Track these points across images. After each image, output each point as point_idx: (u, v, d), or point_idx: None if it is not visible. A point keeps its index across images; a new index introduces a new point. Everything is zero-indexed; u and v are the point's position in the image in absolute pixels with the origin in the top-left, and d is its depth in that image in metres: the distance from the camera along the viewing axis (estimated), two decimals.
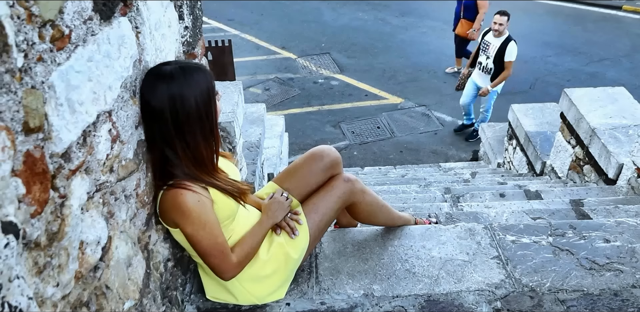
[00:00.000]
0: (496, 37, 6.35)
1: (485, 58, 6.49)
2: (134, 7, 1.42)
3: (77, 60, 1.09)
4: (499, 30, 6.25)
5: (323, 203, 2.10)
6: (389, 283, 2.10)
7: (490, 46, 6.40)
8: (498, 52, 6.32)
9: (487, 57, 6.45)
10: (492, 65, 6.43)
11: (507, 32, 6.33)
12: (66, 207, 1.07)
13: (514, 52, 6.31)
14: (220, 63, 6.86)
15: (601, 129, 3.74)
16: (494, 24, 6.26)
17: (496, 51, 6.32)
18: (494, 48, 6.34)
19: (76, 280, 1.13)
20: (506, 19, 6.20)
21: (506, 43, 6.28)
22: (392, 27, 8.60)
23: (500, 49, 6.29)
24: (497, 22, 6.22)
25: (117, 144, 1.33)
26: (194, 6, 2.11)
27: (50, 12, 0.98)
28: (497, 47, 6.31)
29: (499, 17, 6.22)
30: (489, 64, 6.47)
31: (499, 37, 6.33)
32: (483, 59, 6.56)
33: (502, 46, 6.29)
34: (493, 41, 6.38)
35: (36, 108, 0.94)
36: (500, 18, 6.20)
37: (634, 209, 2.91)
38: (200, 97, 1.57)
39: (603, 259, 2.18)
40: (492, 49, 6.37)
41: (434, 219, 2.75)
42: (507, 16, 6.23)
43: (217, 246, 1.68)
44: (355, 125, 7.76)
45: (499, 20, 6.21)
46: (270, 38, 10.92)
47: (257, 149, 3.55)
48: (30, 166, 0.93)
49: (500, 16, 6.22)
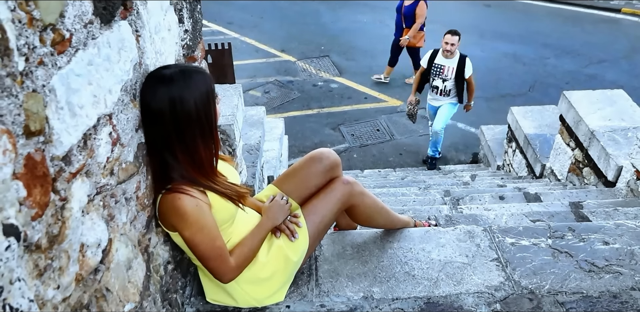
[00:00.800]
0: (448, 58, 5.99)
1: (442, 82, 6.10)
2: (134, 11, 1.43)
3: (77, 64, 1.10)
4: (451, 50, 5.88)
5: (322, 206, 2.10)
6: (388, 285, 2.10)
7: (446, 69, 6.03)
8: (457, 72, 5.99)
9: (443, 80, 6.08)
10: (451, 87, 6.10)
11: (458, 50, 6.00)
12: (67, 210, 1.08)
13: (470, 67, 6.02)
14: (220, 66, 6.87)
15: (600, 131, 3.75)
16: (446, 45, 5.87)
17: (455, 72, 5.99)
18: (450, 70, 6.00)
19: (77, 282, 1.13)
20: (457, 39, 5.85)
21: (463, 62, 5.98)
22: (392, 30, 8.63)
23: (459, 68, 5.97)
24: (448, 42, 5.84)
25: (117, 147, 1.34)
26: (194, 9, 2.12)
27: (51, 16, 0.99)
28: (455, 68, 5.98)
29: (451, 36, 5.84)
30: (447, 86, 6.12)
31: (451, 57, 5.99)
32: (439, 83, 6.15)
33: (460, 65, 5.98)
34: (447, 63, 6.01)
35: (37, 111, 0.95)
36: (452, 38, 5.83)
37: (633, 211, 2.91)
38: (200, 100, 1.58)
39: (602, 261, 2.19)
40: (448, 71, 6.01)
41: (433, 222, 2.76)
42: (459, 36, 5.87)
43: (215, 249, 1.68)
44: (355, 127, 7.77)
45: (450, 40, 5.83)
46: (270, 41, 10.94)
47: (257, 151, 3.56)
48: (31, 169, 0.94)
49: (452, 36, 5.84)
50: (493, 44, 10.36)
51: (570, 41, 10.46)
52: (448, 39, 5.85)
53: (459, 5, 12.97)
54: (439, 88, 6.17)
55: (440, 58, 6.03)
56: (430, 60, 6.14)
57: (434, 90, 6.24)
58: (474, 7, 12.87)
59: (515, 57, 9.86)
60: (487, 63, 9.28)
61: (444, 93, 6.17)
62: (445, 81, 6.06)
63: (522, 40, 10.63)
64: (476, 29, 11.13)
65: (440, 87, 6.15)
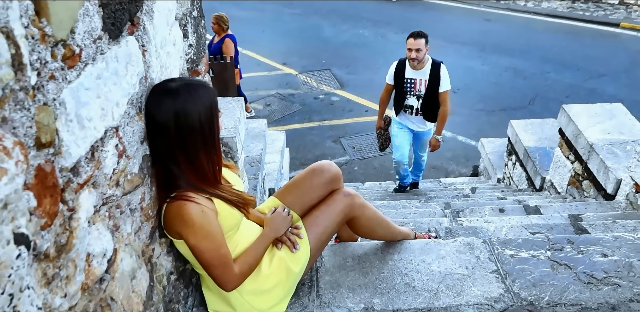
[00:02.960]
0: (418, 70, 4.76)
1: (416, 99, 4.89)
2: (141, 26, 1.47)
3: (86, 78, 1.13)
4: (417, 58, 4.63)
5: (324, 217, 2.12)
6: (389, 297, 2.12)
7: (417, 82, 4.80)
8: (430, 85, 4.76)
9: (417, 97, 4.87)
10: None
11: (428, 56, 4.76)
12: (74, 220, 1.10)
13: (447, 77, 4.75)
14: (222, 79, 6.93)
15: (599, 144, 3.77)
16: (409, 52, 4.63)
17: (428, 85, 4.77)
18: (423, 83, 4.79)
19: (82, 291, 1.15)
20: (424, 43, 4.59)
21: (436, 70, 4.72)
22: (393, 44, 8.72)
23: (432, 80, 4.74)
24: (412, 49, 4.60)
25: (123, 159, 1.37)
26: (198, 25, 2.16)
27: (62, 32, 1.02)
28: (427, 80, 4.76)
29: (413, 41, 4.59)
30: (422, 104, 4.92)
31: (420, 67, 4.75)
32: (413, 102, 4.93)
33: (433, 76, 4.73)
34: (417, 75, 4.78)
35: (48, 124, 0.98)
36: (415, 42, 4.58)
37: (632, 223, 2.93)
38: (203, 113, 1.61)
39: (601, 273, 2.20)
40: (420, 84, 4.80)
41: (433, 234, 2.77)
42: (425, 38, 4.61)
43: (219, 257, 1.70)
44: (356, 140, 7.80)
45: (414, 44, 4.58)
46: (271, 54, 11.04)
47: (259, 164, 3.59)
48: (41, 179, 0.97)
49: (415, 39, 4.59)
50: (494, 57, 10.44)
51: (570, 55, 10.54)
52: (411, 44, 4.61)
53: (460, 19, 13.09)
54: (413, 107, 4.97)
55: (408, 70, 4.83)
56: (396, 74, 4.90)
57: (409, 111, 5.03)
58: (475, 21, 12.99)
59: (515, 71, 9.93)
60: (488, 77, 9.35)
61: (421, 113, 5.01)
62: (420, 98, 4.88)
63: (522, 54, 10.71)
64: (477, 43, 11.22)
65: (415, 105, 4.95)
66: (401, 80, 4.86)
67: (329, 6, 14.16)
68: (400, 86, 4.90)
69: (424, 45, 4.59)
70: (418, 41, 4.56)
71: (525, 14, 13.40)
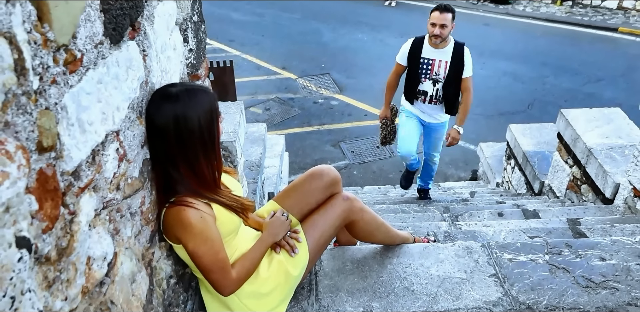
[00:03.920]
0: (439, 49, 4.09)
1: (432, 84, 4.20)
2: (142, 31, 1.48)
3: (87, 82, 1.14)
4: (441, 35, 3.95)
5: (322, 221, 2.13)
6: (387, 301, 2.12)
7: (436, 63, 4.13)
8: (453, 69, 4.10)
9: (434, 81, 4.19)
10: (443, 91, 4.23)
11: (451, 36, 4.11)
12: (75, 223, 1.11)
13: (471, 61, 4.16)
14: (222, 83, 6.93)
15: (597, 149, 3.78)
16: (433, 27, 3.96)
17: (449, 68, 4.11)
18: (443, 65, 4.12)
19: (83, 295, 1.16)
20: (451, 18, 3.93)
21: (460, 52, 4.09)
22: (392, 48, 8.71)
23: (455, 62, 4.09)
24: (437, 23, 3.92)
25: (123, 163, 1.38)
26: (198, 29, 2.17)
27: (64, 37, 1.03)
28: (449, 62, 4.10)
29: (439, 14, 3.91)
30: (439, 90, 4.21)
31: (443, 47, 4.09)
32: (428, 87, 4.22)
33: (456, 58, 4.08)
34: (437, 55, 4.11)
35: (49, 128, 0.99)
36: (442, 16, 3.90)
37: (630, 227, 2.94)
38: (203, 118, 1.62)
39: (599, 277, 2.21)
40: (439, 66, 4.13)
41: (432, 238, 2.78)
42: (452, 13, 3.94)
43: (217, 262, 1.71)
44: (355, 144, 7.81)
45: (440, 19, 3.90)
46: (271, 58, 11.05)
47: (258, 168, 3.59)
48: (42, 183, 0.97)
49: (441, 13, 3.91)
50: (492, 62, 10.46)
51: (569, 60, 10.56)
52: (435, 18, 3.92)
53: (458, 24, 13.09)
54: (427, 94, 4.26)
55: (427, 49, 4.13)
56: (411, 53, 4.19)
57: (419, 98, 4.31)
58: (473, 25, 13.01)
59: (514, 75, 9.95)
60: (487, 81, 9.36)
61: (436, 101, 4.28)
62: (437, 82, 4.19)
63: (521, 58, 10.73)
64: (475, 47, 11.18)
65: (430, 92, 4.24)
66: (416, 60, 4.16)
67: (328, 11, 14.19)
68: (415, 67, 4.19)
69: (451, 21, 3.94)
70: (444, 15, 3.90)
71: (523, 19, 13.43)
